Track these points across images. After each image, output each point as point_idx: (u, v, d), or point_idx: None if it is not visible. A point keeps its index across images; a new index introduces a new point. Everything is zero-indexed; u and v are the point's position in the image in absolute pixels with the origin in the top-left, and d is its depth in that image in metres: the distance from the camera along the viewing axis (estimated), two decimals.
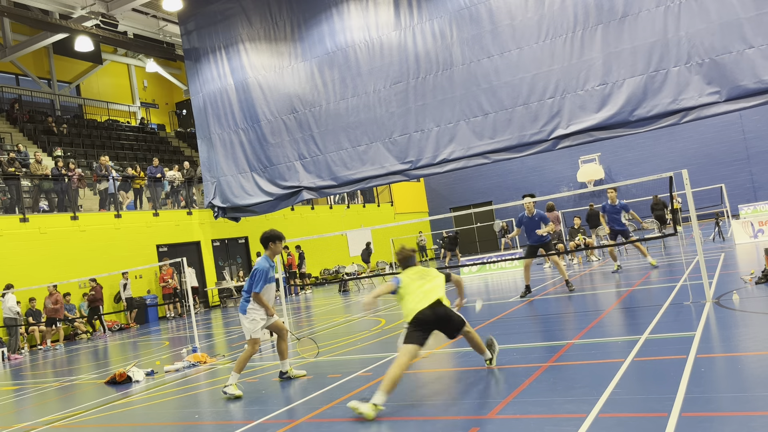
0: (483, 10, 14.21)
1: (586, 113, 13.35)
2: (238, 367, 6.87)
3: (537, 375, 5.71)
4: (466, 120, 14.66)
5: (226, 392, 6.72)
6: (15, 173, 18.13)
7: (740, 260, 12.92)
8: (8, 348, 15.27)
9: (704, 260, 8.63)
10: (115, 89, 31.37)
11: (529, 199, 11.85)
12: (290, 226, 26.09)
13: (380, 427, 4.87)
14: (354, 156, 16.23)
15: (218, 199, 18.75)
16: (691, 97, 12.31)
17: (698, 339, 6.16)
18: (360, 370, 7.08)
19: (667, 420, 4.03)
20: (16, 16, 19.27)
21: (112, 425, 6.50)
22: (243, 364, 6.92)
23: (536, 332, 8.24)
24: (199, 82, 18.98)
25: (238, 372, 6.83)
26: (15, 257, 16.82)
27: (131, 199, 21.19)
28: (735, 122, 27.96)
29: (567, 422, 4.32)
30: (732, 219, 19.35)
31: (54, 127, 24.75)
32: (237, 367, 6.87)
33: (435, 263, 32.17)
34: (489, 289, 14.73)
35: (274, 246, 7.11)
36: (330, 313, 14.88)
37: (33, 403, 8.53)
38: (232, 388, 6.71)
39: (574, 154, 30.87)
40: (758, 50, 11.57)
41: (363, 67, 15.87)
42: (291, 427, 5.31)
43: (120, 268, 17.92)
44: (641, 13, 12.67)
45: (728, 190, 23.08)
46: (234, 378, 6.78)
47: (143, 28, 22.76)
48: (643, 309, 8.51)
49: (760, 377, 4.77)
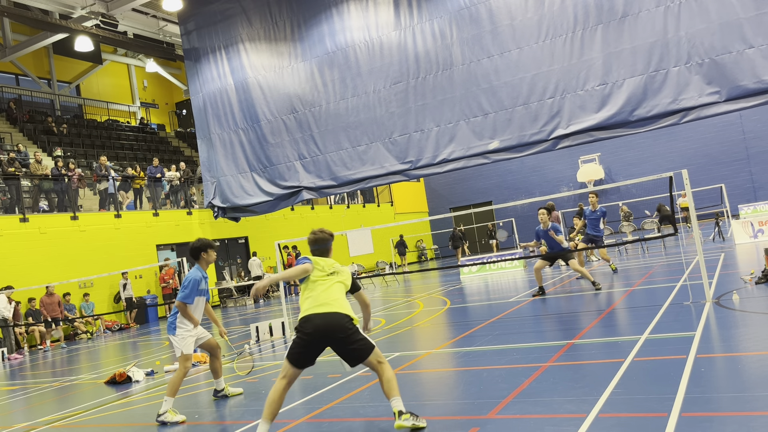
0: (483, 10, 14.22)
1: (586, 113, 13.35)
2: (171, 390, 6.14)
3: (537, 375, 5.71)
4: (466, 120, 14.66)
5: (163, 421, 5.98)
6: (15, 173, 18.13)
7: (740, 260, 12.92)
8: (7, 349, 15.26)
9: (704, 260, 8.63)
10: (115, 89, 31.37)
11: (543, 212, 11.79)
12: (290, 226, 26.09)
13: (380, 427, 4.86)
14: (354, 156, 16.23)
15: (218, 199, 18.75)
16: (691, 97, 12.32)
17: (698, 339, 6.16)
18: (360, 370, 7.07)
19: (667, 420, 4.03)
20: (16, 16, 19.27)
21: (112, 425, 6.49)
22: (177, 386, 6.21)
23: (536, 332, 8.24)
24: (199, 82, 18.98)
25: (172, 396, 6.13)
26: (15, 257, 16.82)
27: (131, 199, 21.19)
28: (735, 122, 27.97)
29: (567, 422, 4.31)
30: (732, 219, 19.35)
31: (54, 127, 24.75)
32: (170, 391, 6.14)
33: (435, 263, 32.18)
34: (489, 289, 14.73)
35: (206, 255, 6.59)
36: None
37: (33, 403, 8.53)
38: (169, 414, 6.01)
39: (574, 154, 30.88)
40: (758, 50, 11.57)
41: (363, 67, 15.88)
42: (291, 427, 5.30)
43: (120, 268, 17.92)
44: (641, 13, 12.67)
45: (728, 190, 23.08)
46: (169, 403, 6.08)
47: (143, 28, 22.76)
48: (643, 309, 8.51)
49: (760, 377, 4.77)
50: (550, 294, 11.69)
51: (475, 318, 9.61)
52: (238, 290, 22.96)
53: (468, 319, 9.58)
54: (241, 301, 22.16)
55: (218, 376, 6.82)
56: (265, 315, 16.28)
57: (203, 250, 6.57)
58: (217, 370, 6.80)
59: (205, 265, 6.64)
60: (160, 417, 6.03)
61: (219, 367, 6.81)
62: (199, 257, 6.60)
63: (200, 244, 6.60)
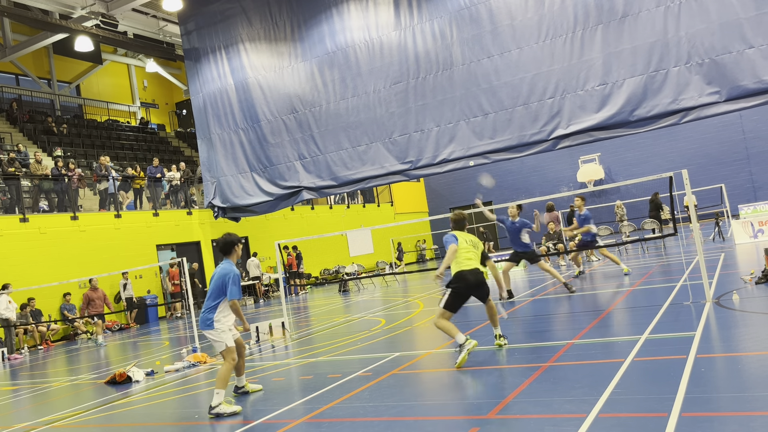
0: (483, 10, 14.22)
1: (586, 113, 13.35)
2: (221, 383, 6.16)
3: (537, 375, 5.71)
4: (466, 120, 14.67)
5: (217, 413, 5.99)
6: (15, 173, 18.12)
7: (740, 260, 12.92)
8: (7, 349, 15.26)
9: (704, 260, 8.63)
10: (115, 89, 31.37)
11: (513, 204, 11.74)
12: (290, 226, 26.08)
13: (380, 427, 4.86)
14: (354, 156, 16.24)
15: (218, 199, 18.75)
16: (691, 97, 12.32)
17: (698, 339, 6.16)
18: (360, 370, 7.08)
19: (667, 420, 4.03)
20: (16, 16, 19.27)
21: (112, 425, 6.50)
22: (226, 378, 6.24)
23: (536, 332, 8.24)
24: (199, 82, 18.99)
25: (223, 388, 6.15)
26: (15, 257, 16.81)
27: (131, 199, 21.18)
28: (735, 122, 27.96)
29: (567, 422, 4.32)
30: (732, 219, 19.35)
31: (54, 127, 24.74)
32: (220, 383, 6.16)
33: (435, 263, 32.17)
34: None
35: (238, 249, 6.83)
36: (330, 313, 14.88)
37: (33, 403, 8.53)
38: (223, 406, 6.05)
39: (574, 154, 30.87)
40: (758, 50, 11.58)
41: (363, 67, 15.88)
42: (291, 427, 5.30)
43: (120, 268, 17.90)
44: (641, 13, 12.68)
45: (728, 190, 23.06)
46: (221, 396, 6.10)
47: (143, 28, 22.76)
48: (643, 309, 8.51)
49: (760, 377, 4.77)
50: (551, 294, 11.68)
51: (475, 318, 9.61)
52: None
53: (468, 319, 9.58)
54: (241, 301, 22.17)
55: (240, 373, 6.93)
56: (265, 315, 16.28)
57: (236, 244, 6.81)
58: (240, 368, 6.91)
59: (236, 259, 6.83)
60: (214, 410, 6.01)
61: (242, 365, 6.94)
62: (232, 251, 6.78)
63: (233, 238, 6.81)
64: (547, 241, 17.34)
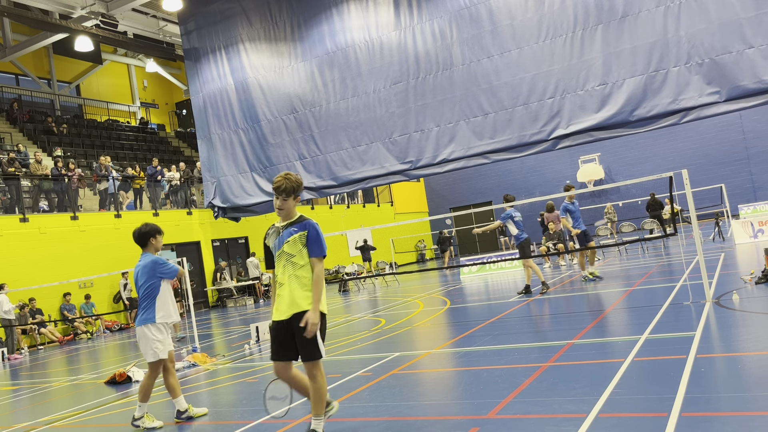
0: (483, 10, 14.22)
1: (586, 113, 13.36)
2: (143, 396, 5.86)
3: (537, 375, 5.71)
4: (466, 120, 14.67)
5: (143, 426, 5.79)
6: (15, 173, 18.13)
7: (740, 260, 12.92)
8: (7, 349, 15.26)
9: (704, 260, 8.63)
10: (115, 89, 31.37)
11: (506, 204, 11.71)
12: None
13: (380, 427, 4.86)
14: (354, 156, 16.24)
15: (218, 199, 18.75)
16: (691, 97, 12.33)
17: (698, 339, 6.16)
18: (360, 370, 7.07)
19: (667, 420, 4.03)
20: (16, 16, 19.27)
21: (112, 425, 6.49)
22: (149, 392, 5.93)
23: (536, 332, 8.24)
24: (199, 82, 18.99)
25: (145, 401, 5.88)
26: (15, 257, 16.81)
27: (131, 199, 21.18)
28: (735, 122, 27.96)
29: (567, 422, 4.31)
30: (732, 219, 19.35)
31: (54, 127, 24.75)
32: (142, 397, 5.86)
33: (435, 263, 32.17)
34: (489, 289, 14.73)
35: (155, 241, 6.23)
36: (330, 313, 14.87)
37: (33, 403, 8.53)
38: (146, 419, 5.83)
39: (574, 154, 30.87)
40: (758, 50, 11.58)
41: (363, 67, 15.88)
42: (291, 427, 5.30)
43: (120, 268, 17.90)
44: (641, 13, 12.68)
45: (728, 190, 23.07)
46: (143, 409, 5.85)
47: (143, 28, 22.76)
48: (643, 309, 8.51)
49: (760, 377, 4.77)
50: (551, 294, 11.68)
51: (475, 318, 9.61)
52: (238, 290, 22.97)
53: (468, 319, 9.58)
54: (241, 301, 22.16)
55: (177, 394, 6.10)
56: (265, 315, 16.28)
57: (152, 235, 6.19)
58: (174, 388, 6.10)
59: (154, 252, 6.23)
60: (137, 421, 5.88)
61: (176, 384, 6.14)
62: (147, 243, 6.19)
63: (150, 228, 6.19)
64: (547, 240, 17.34)
